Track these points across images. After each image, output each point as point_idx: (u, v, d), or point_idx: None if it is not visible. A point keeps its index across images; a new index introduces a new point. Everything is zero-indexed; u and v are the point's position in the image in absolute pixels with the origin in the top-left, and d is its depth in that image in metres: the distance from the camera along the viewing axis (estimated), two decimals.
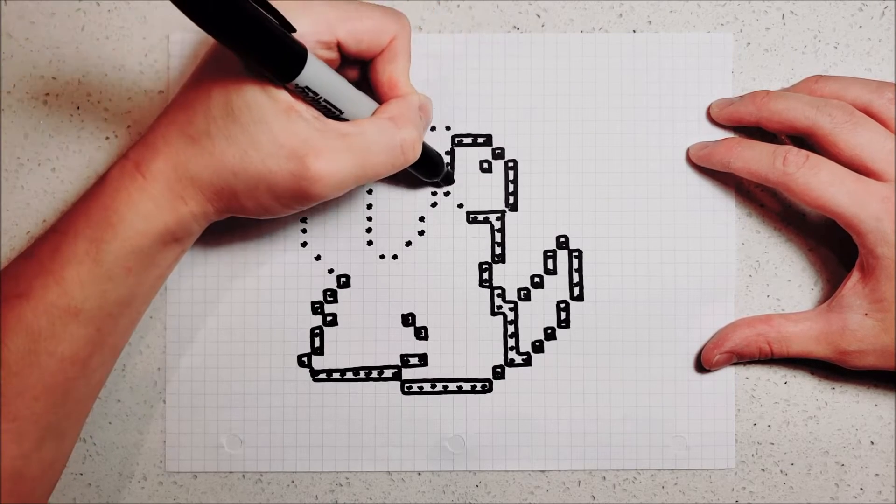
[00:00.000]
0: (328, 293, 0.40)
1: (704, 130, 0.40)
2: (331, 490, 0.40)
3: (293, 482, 0.40)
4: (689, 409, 0.40)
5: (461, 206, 0.40)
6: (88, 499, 0.40)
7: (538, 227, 0.40)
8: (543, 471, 0.40)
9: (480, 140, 0.40)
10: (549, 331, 0.40)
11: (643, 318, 0.40)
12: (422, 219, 0.40)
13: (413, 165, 0.36)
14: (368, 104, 0.35)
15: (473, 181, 0.40)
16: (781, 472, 0.40)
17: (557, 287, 0.40)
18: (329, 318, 0.40)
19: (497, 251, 0.40)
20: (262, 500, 0.40)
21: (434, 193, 0.40)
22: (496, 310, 0.40)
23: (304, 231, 0.40)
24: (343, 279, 0.40)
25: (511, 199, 0.40)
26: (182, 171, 0.33)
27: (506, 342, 0.40)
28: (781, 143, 0.38)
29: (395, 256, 0.40)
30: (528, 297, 0.40)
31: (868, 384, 0.40)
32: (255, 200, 0.33)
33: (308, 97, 0.32)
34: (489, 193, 0.40)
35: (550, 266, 0.40)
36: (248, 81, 0.31)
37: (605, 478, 0.40)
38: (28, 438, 0.33)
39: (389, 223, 0.40)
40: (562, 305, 0.40)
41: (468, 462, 0.40)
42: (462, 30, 0.40)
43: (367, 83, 0.36)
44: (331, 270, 0.40)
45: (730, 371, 0.40)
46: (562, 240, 0.40)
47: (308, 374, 0.40)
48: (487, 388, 0.40)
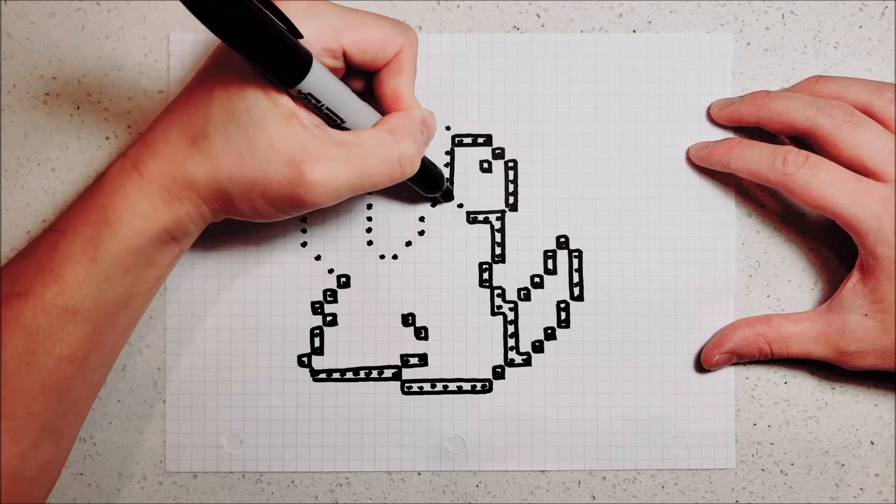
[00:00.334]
0: (328, 293, 0.40)
1: (704, 130, 0.40)
2: (331, 490, 0.40)
3: (293, 482, 0.40)
4: (689, 409, 0.40)
5: (461, 206, 0.40)
6: (88, 499, 0.40)
7: (538, 227, 0.40)
8: (543, 471, 0.40)
9: (480, 140, 0.40)
10: (549, 331, 0.40)
11: (643, 318, 0.40)
12: (422, 219, 0.40)
13: (412, 179, 0.36)
14: (371, 115, 0.35)
15: (473, 181, 0.40)
16: (781, 472, 0.40)
17: (557, 287, 0.40)
18: (329, 318, 0.40)
19: (497, 251, 0.40)
20: (262, 500, 0.40)
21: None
22: (496, 310, 0.40)
23: (304, 231, 0.40)
24: (343, 279, 0.40)
25: (511, 199, 0.40)
26: (179, 172, 0.32)
27: (506, 342, 0.40)
28: (781, 144, 0.38)
29: (395, 256, 0.40)
30: (528, 297, 0.40)
31: (868, 384, 0.40)
32: (250, 204, 0.33)
33: (310, 104, 0.32)
34: (489, 193, 0.40)
35: (550, 266, 0.40)
36: (251, 84, 0.31)
37: (605, 478, 0.40)
38: (25, 437, 0.33)
39: (389, 223, 0.40)
40: (562, 305, 0.40)
41: (468, 462, 0.40)
42: (462, 30, 0.40)
43: (372, 94, 0.36)
44: (331, 270, 0.40)
45: (730, 371, 0.40)
46: (562, 240, 0.40)
47: (308, 374, 0.40)
48: (487, 388, 0.40)
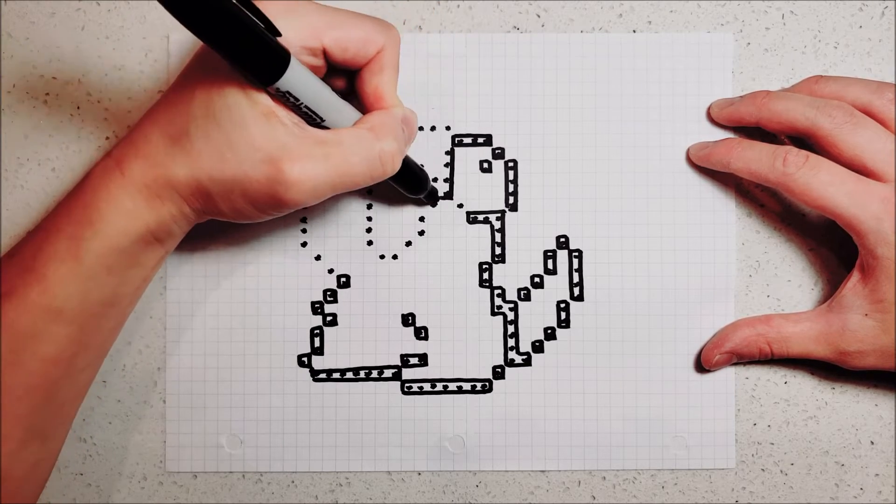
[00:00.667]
0: (328, 293, 0.40)
1: (704, 130, 0.40)
2: (331, 490, 0.40)
3: (293, 482, 0.40)
4: (689, 409, 0.40)
5: (461, 206, 0.40)
6: (88, 499, 0.40)
7: (538, 227, 0.40)
8: (543, 471, 0.40)
9: (480, 140, 0.40)
10: (549, 331, 0.40)
11: (643, 318, 0.40)
12: (422, 219, 0.40)
13: (396, 180, 0.36)
14: (351, 113, 0.34)
15: (473, 181, 0.40)
16: (781, 472, 0.40)
17: (557, 287, 0.40)
18: (329, 318, 0.40)
19: (497, 251, 0.40)
20: (262, 500, 0.40)
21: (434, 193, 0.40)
22: (496, 310, 0.40)
23: (304, 231, 0.40)
24: (343, 279, 0.40)
25: (511, 199, 0.40)
26: (160, 171, 0.32)
27: (506, 342, 0.40)
28: (781, 144, 0.38)
29: (395, 256, 0.40)
30: (528, 297, 0.40)
31: (868, 384, 0.40)
32: (231, 203, 0.33)
33: (289, 102, 0.32)
34: (489, 193, 0.40)
35: (550, 266, 0.40)
36: (231, 83, 0.31)
37: (605, 478, 0.40)
38: (11, 439, 0.33)
39: (389, 223, 0.40)
40: (562, 305, 0.40)
41: (468, 462, 0.40)
42: (462, 30, 0.40)
43: (354, 93, 0.36)
44: (331, 270, 0.40)
45: (730, 371, 0.40)
46: (562, 240, 0.40)
47: (308, 374, 0.40)
48: (487, 388, 0.40)
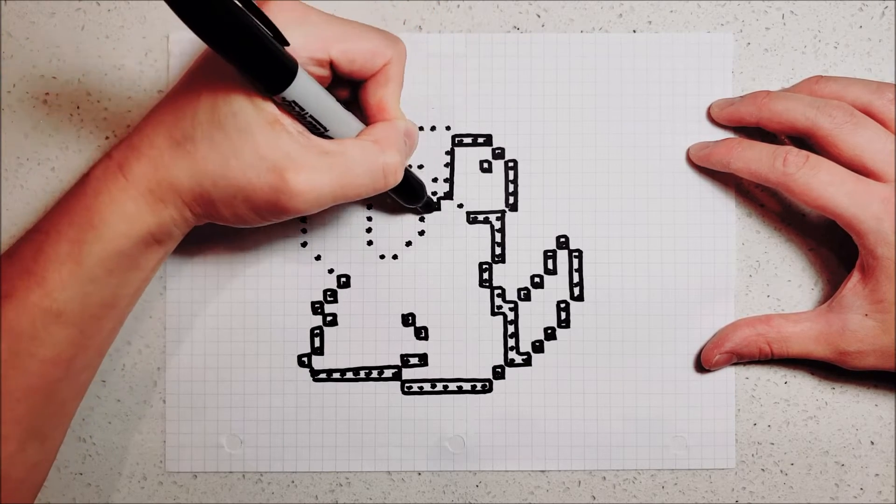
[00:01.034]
0: (328, 293, 0.40)
1: (704, 130, 0.40)
2: (331, 490, 0.40)
3: (293, 482, 0.40)
4: (689, 409, 0.40)
5: (461, 206, 0.40)
6: (88, 499, 0.40)
7: (538, 227, 0.40)
8: (543, 471, 0.40)
9: (480, 140, 0.40)
10: (549, 331, 0.40)
11: (643, 318, 0.40)
12: (422, 219, 0.40)
13: (394, 190, 0.36)
14: (355, 124, 0.35)
15: (473, 181, 0.40)
16: (781, 472, 0.40)
17: (557, 287, 0.40)
18: (329, 318, 0.40)
19: (497, 251, 0.40)
20: (262, 500, 0.40)
21: (434, 193, 0.40)
22: (496, 310, 0.40)
23: (304, 231, 0.40)
24: (343, 279, 0.40)
25: (511, 199, 0.40)
26: (163, 175, 0.32)
27: (506, 342, 0.40)
28: (781, 144, 0.38)
29: (395, 256, 0.40)
30: (528, 297, 0.40)
31: (868, 384, 0.40)
32: (232, 210, 0.33)
33: (294, 112, 0.32)
34: (489, 193, 0.40)
35: (550, 266, 0.40)
36: (237, 90, 0.31)
37: (605, 478, 0.40)
38: (11, 441, 0.33)
39: (389, 223, 0.40)
40: (562, 305, 0.40)
41: (468, 462, 0.40)
42: (462, 30, 0.40)
43: (357, 104, 0.36)
44: (331, 270, 0.40)
45: (730, 371, 0.40)
46: (562, 240, 0.40)
47: (308, 374, 0.40)
48: (487, 388, 0.40)
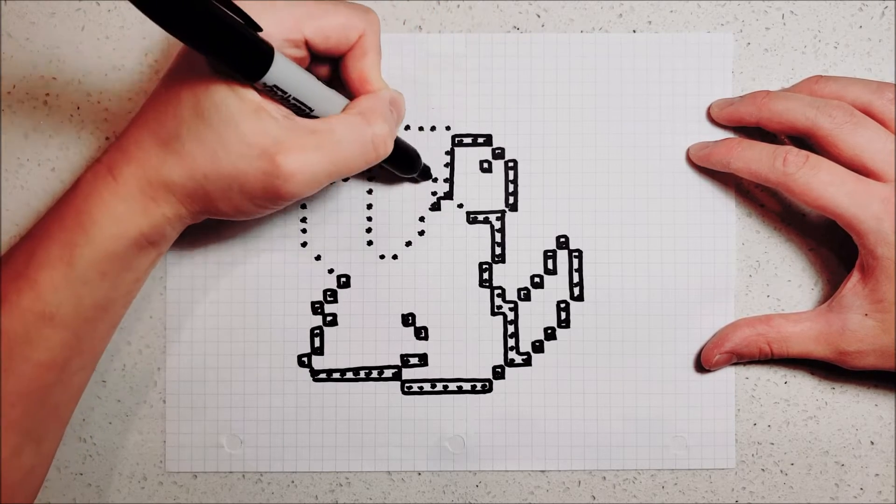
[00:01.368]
0: (328, 293, 0.40)
1: (704, 130, 0.40)
2: (331, 490, 0.40)
3: (293, 482, 0.40)
4: (689, 409, 0.40)
5: (461, 206, 0.40)
6: (88, 499, 0.40)
7: (538, 227, 0.40)
8: (543, 471, 0.40)
9: (480, 140, 0.40)
10: (549, 331, 0.40)
11: (643, 318, 0.40)
12: (422, 219, 0.40)
13: (388, 161, 0.36)
14: (339, 101, 0.34)
15: (473, 181, 0.40)
16: (781, 472, 0.40)
17: (557, 287, 0.40)
18: (329, 318, 0.40)
19: (497, 251, 0.40)
20: (262, 500, 0.40)
21: (434, 193, 0.40)
22: (496, 310, 0.40)
23: (304, 231, 0.40)
24: (343, 279, 0.40)
25: (511, 199, 0.40)
26: (154, 175, 0.32)
27: (506, 342, 0.40)
28: (781, 144, 0.38)
29: (395, 256, 0.40)
30: (528, 297, 0.40)
31: (868, 384, 0.40)
32: (229, 202, 0.33)
33: (277, 96, 0.32)
34: (489, 193, 0.40)
35: (550, 266, 0.40)
36: (217, 82, 0.31)
37: (605, 478, 0.40)
38: (6, 445, 0.32)
39: (389, 223, 0.40)
40: (562, 305, 0.40)
41: (468, 462, 0.40)
42: (462, 30, 0.40)
43: (340, 81, 0.36)
44: (331, 270, 0.40)
45: (730, 371, 0.40)
46: (562, 240, 0.40)
47: (308, 374, 0.40)
48: (487, 388, 0.40)
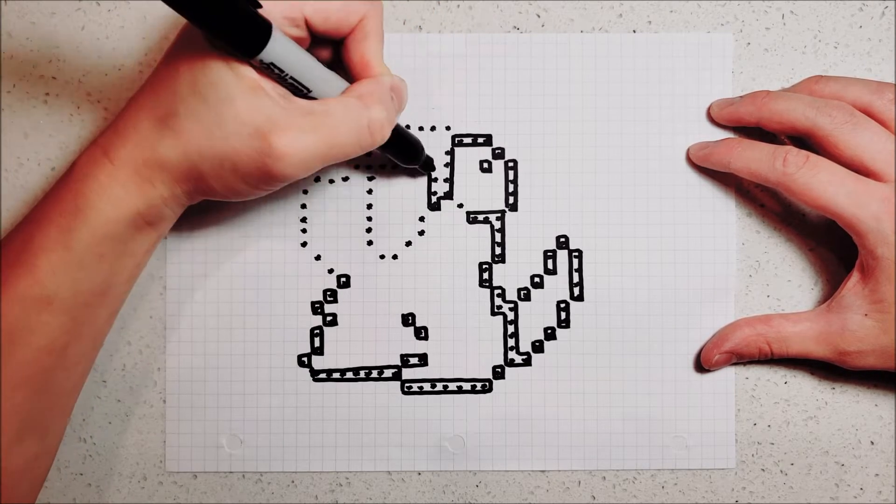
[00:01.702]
0: (328, 293, 0.40)
1: (704, 130, 0.40)
2: (331, 490, 0.40)
3: (293, 482, 0.40)
4: (689, 409, 0.40)
5: (461, 206, 0.40)
6: (88, 499, 0.40)
7: (538, 227, 0.40)
8: (543, 471, 0.40)
9: (480, 140, 0.40)
10: (549, 331, 0.40)
11: (643, 318, 0.40)
12: (422, 219, 0.40)
13: (390, 150, 0.36)
14: (338, 83, 0.34)
15: (473, 181, 0.40)
16: (781, 472, 0.40)
17: (557, 287, 0.40)
18: (329, 318, 0.40)
19: (497, 251, 0.40)
20: (262, 500, 0.40)
21: (434, 193, 0.40)
22: (496, 310, 0.40)
23: (304, 231, 0.40)
24: (343, 279, 0.40)
25: (511, 199, 0.40)
26: (149, 154, 0.32)
27: (506, 342, 0.40)
28: (781, 144, 0.38)
29: (395, 256, 0.40)
30: (528, 297, 0.40)
31: (868, 384, 0.40)
32: (222, 181, 0.33)
33: (274, 74, 0.31)
34: (489, 193, 0.40)
35: (550, 266, 0.40)
36: (214, 58, 0.31)
37: (605, 478, 0.40)
38: (7, 430, 0.33)
39: (389, 223, 0.40)
40: (562, 305, 0.40)
41: (468, 462, 0.40)
42: (462, 30, 0.40)
43: (341, 64, 0.35)
44: (331, 270, 0.40)
45: (730, 371, 0.40)
46: (562, 240, 0.40)
47: (308, 374, 0.40)
48: (487, 388, 0.40)
